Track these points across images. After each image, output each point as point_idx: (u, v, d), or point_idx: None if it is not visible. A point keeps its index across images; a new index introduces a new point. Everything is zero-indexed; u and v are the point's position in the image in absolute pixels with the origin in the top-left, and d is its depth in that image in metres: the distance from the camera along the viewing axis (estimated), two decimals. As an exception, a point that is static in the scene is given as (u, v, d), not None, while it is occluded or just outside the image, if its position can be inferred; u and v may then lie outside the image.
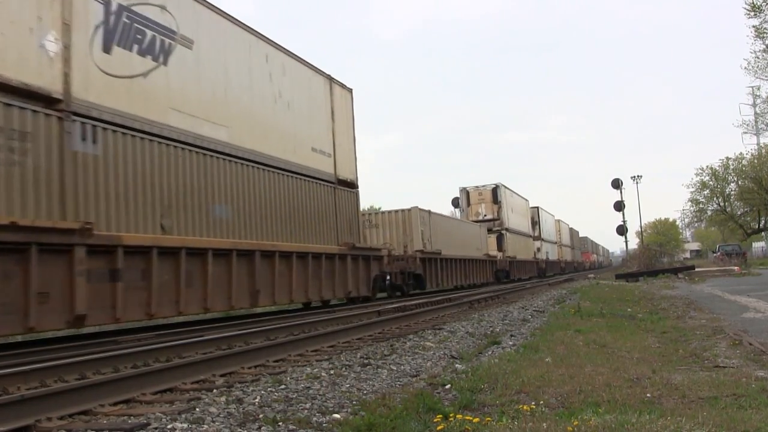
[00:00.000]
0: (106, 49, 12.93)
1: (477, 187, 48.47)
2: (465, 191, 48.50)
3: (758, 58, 43.61)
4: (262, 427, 5.08)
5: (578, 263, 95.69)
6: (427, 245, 31.87)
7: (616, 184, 56.63)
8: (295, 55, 20.49)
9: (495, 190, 48.00)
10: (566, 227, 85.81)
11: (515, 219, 51.82)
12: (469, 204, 48.21)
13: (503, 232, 47.36)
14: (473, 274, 39.32)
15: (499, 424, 4.94)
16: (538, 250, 60.92)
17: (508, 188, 50.49)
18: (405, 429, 5.02)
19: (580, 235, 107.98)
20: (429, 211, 33.03)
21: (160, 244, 13.48)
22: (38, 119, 11.32)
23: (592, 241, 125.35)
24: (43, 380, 7.02)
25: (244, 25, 17.76)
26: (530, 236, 58.12)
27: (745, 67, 46.28)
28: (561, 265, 74.28)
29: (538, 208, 63.26)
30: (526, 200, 59.00)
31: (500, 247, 46.63)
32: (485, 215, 47.52)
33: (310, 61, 21.43)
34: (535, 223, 61.16)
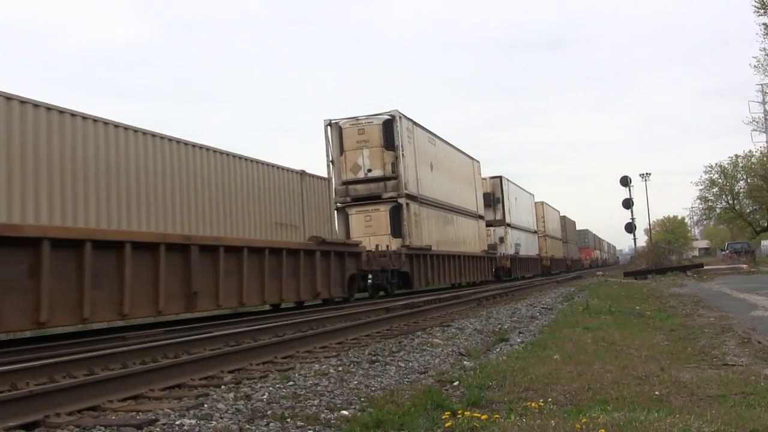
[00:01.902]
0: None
1: (357, 119, 27.69)
2: (335, 127, 27.61)
3: (768, 55, 43.39)
4: (271, 424, 5.09)
5: (573, 261, 77.81)
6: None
7: (625, 181, 56.21)
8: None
9: (388, 125, 27.35)
10: (555, 214, 68.35)
11: (442, 184, 32.71)
12: (342, 151, 27.44)
13: (403, 202, 27.06)
14: (271, 283, 18.20)
15: (507, 422, 4.94)
16: (501, 240, 43.60)
17: (420, 126, 30.44)
18: (413, 426, 5.02)
19: (579, 227, 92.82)
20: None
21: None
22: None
23: (594, 235, 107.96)
24: (52, 376, 7.03)
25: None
26: (479, 217, 39.45)
27: (755, 65, 45.98)
28: (544, 262, 58.21)
29: (501, 178, 45.16)
30: (476, 161, 40.16)
31: (397, 231, 27.02)
32: (369, 170, 27.32)
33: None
34: (496, 200, 44.30)
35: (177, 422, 5.08)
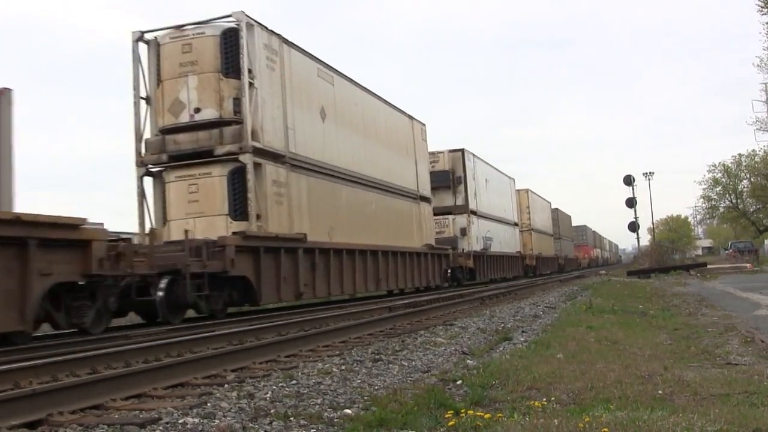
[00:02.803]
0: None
1: (182, 29, 17.75)
2: (152, 45, 18.04)
3: (771, 55, 43.28)
4: (274, 423, 5.08)
5: (567, 260, 68.93)
6: None
7: (628, 180, 56.10)
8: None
9: (230, 39, 17.34)
10: (544, 205, 59.26)
11: (347, 143, 22.30)
12: (160, 79, 17.79)
13: (248, 161, 17.04)
14: None
15: (511, 420, 4.93)
16: (463, 232, 34.16)
17: (299, 48, 20.17)
18: (416, 424, 5.01)
19: (577, 222, 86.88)
20: None
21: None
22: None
23: (594, 231, 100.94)
24: (55, 375, 7.04)
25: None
26: (421, 199, 28.95)
27: (758, 65, 45.82)
28: (527, 261, 49.16)
29: (463, 152, 35.25)
30: (418, 123, 29.69)
31: (240, 209, 17.07)
32: (197, 109, 17.23)
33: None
34: (456, 180, 34.68)
35: (180, 421, 5.09)
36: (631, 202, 56.19)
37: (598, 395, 5.79)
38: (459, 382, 6.67)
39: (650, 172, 68.49)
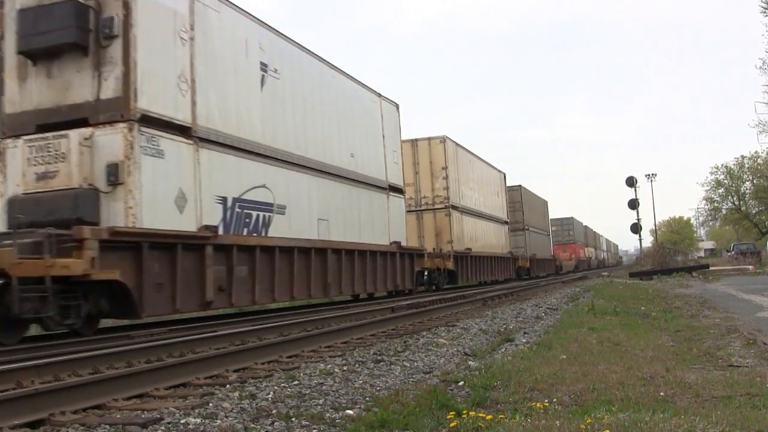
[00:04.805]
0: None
1: None
2: None
3: (774, 56, 43.20)
4: (275, 423, 5.09)
5: (539, 261, 50.99)
6: None
7: (631, 182, 56.03)
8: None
9: None
10: (491, 175, 39.73)
11: None
12: None
13: None
14: None
15: (512, 422, 4.93)
16: (113, 175, 11.85)
17: None
18: (418, 425, 5.02)
19: (562, 214, 75.43)
20: None
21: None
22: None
23: (586, 227, 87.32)
24: (57, 374, 7.04)
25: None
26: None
27: (760, 67, 45.72)
28: (430, 262, 27.60)
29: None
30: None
31: None
32: None
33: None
34: (104, 30, 11.97)
35: (182, 421, 5.09)
36: (633, 204, 56.11)
37: (600, 397, 5.79)
38: (461, 383, 6.66)
39: (653, 174, 68.44)
